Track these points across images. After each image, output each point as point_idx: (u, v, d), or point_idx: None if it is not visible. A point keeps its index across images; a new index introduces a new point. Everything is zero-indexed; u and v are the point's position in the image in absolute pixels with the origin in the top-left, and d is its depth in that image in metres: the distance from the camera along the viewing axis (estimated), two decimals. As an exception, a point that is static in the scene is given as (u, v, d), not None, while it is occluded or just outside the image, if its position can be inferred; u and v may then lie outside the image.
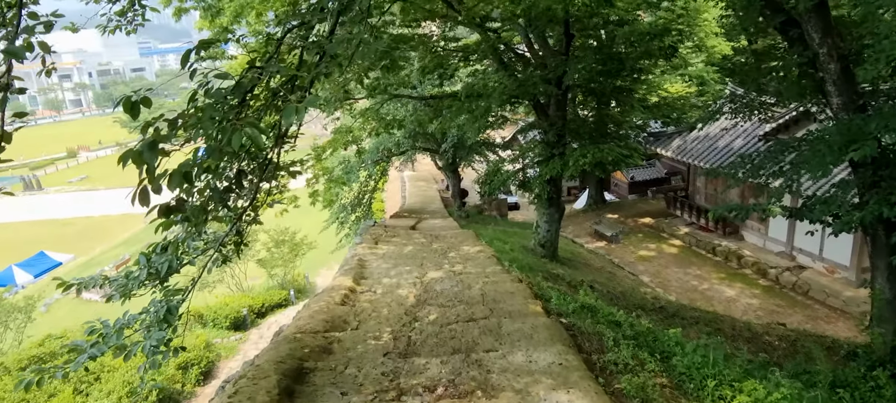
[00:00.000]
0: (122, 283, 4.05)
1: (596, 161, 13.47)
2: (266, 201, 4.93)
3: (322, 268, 36.46)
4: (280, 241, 29.40)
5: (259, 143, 2.37)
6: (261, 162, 3.96)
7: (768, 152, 8.72)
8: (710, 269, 19.86)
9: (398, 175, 44.26)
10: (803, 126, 18.47)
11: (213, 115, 2.55)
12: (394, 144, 24.71)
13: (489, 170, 17.53)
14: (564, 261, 17.08)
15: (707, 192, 22.98)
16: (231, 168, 3.89)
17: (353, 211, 26.86)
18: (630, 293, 12.16)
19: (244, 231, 4.85)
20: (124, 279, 4.09)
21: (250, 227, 5.00)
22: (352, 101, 17.23)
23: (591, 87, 16.29)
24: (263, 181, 4.69)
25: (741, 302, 17.29)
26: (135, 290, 4.03)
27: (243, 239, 4.87)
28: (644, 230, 24.58)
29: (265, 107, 3.63)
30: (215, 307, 21.45)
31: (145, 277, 3.98)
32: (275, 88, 3.35)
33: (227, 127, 2.42)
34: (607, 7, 12.39)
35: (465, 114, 15.83)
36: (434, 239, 13.71)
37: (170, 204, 3.04)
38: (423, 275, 8.72)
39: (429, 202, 34.14)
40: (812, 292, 17.20)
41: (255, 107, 3.69)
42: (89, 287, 4.15)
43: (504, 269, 9.17)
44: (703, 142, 22.12)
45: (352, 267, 9.14)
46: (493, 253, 11.06)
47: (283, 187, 5.30)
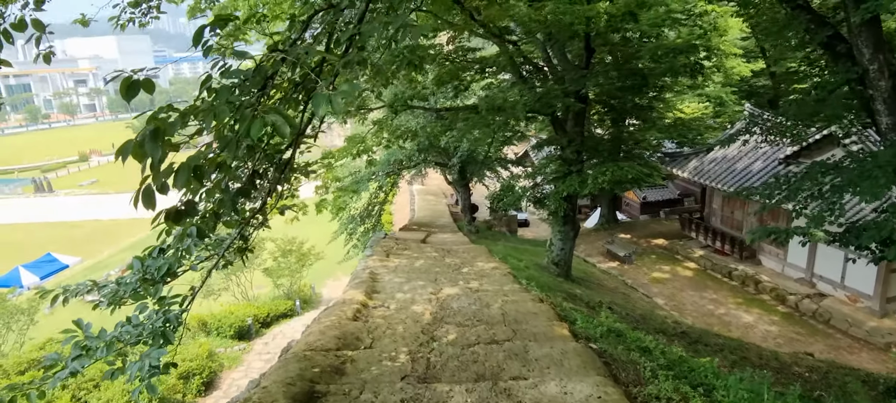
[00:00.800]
0: (113, 291, 3.67)
1: (616, 179, 13.07)
2: (275, 205, 4.56)
3: (329, 280, 36.06)
4: (287, 251, 29.02)
5: (283, 132, 2.02)
6: (277, 162, 3.61)
7: (806, 174, 8.32)
8: (726, 294, 19.34)
9: (407, 188, 44.00)
10: (826, 149, 18.04)
11: (231, 99, 2.20)
12: (405, 156, 24.39)
13: (503, 186, 17.14)
14: (578, 281, 16.64)
15: (723, 215, 22.49)
16: (245, 167, 3.54)
17: (362, 222, 26.51)
18: (649, 316, 11.71)
19: (250, 236, 4.48)
20: (115, 285, 3.71)
21: (257, 232, 4.63)
22: (366, 112, 16.93)
23: (611, 104, 15.96)
24: (279, 183, 4.35)
25: (759, 328, 16.76)
26: (126, 298, 3.64)
27: (249, 245, 4.50)
28: (657, 251, 24.08)
29: (285, 99, 3.29)
30: (220, 315, 21.05)
31: (139, 284, 3.59)
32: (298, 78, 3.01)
33: (246, 113, 2.08)
34: (631, 22, 12.05)
35: (479, 128, 15.51)
36: (446, 254, 13.34)
37: (178, 208, 2.69)
38: (439, 291, 8.33)
39: (438, 216, 33.79)
40: (833, 321, 16.65)
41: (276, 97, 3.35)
42: (77, 295, 3.78)
43: (523, 287, 8.77)
44: (720, 163, 21.68)
45: (363, 281, 8.77)
46: (509, 271, 10.67)
47: (294, 191, 4.94)
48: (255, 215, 4.13)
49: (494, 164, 27.21)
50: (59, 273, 38.51)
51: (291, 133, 2.50)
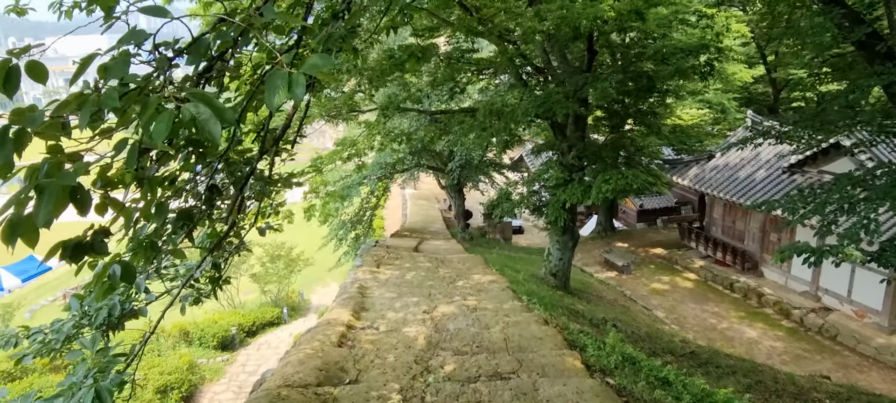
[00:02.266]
0: (44, 340, 2.91)
1: (621, 188, 12.43)
2: (253, 223, 3.85)
3: (318, 286, 35.24)
4: (275, 256, 28.20)
5: (211, 133, 1.33)
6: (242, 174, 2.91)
7: (834, 186, 7.70)
8: (728, 306, 18.73)
9: (399, 192, 43.28)
10: (833, 158, 17.53)
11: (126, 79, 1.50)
12: (397, 160, 23.69)
13: (500, 193, 16.49)
14: (576, 292, 15.99)
15: (724, 224, 21.93)
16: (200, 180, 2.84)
17: (352, 228, 25.76)
18: (655, 334, 11.05)
19: (224, 263, 3.77)
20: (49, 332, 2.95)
21: (232, 259, 3.91)
22: (357, 114, 16.22)
23: (613, 108, 15.34)
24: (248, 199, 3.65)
25: (764, 344, 16.15)
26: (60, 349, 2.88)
27: (222, 274, 3.78)
28: (656, 261, 23.47)
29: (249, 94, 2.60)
30: (203, 324, 20.21)
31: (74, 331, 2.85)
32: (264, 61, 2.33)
33: (149, 101, 1.38)
34: (638, 20, 11.43)
35: (476, 132, 14.87)
36: (440, 264, 12.64)
37: (80, 239, 1.99)
38: (433, 309, 7.63)
39: (430, 222, 33.11)
40: (841, 337, 16.06)
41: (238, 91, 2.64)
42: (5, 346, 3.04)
43: (524, 305, 8.08)
44: (722, 171, 21.12)
45: (351, 296, 8.05)
46: (508, 284, 9.99)
47: (278, 206, 4.21)
48: (226, 238, 3.41)
49: (489, 170, 26.57)
50: (41, 275, 37.48)
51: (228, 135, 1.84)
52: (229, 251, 3.80)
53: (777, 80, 27.49)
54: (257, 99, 2.84)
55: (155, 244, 2.49)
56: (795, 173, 18.57)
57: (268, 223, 4.03)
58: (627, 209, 34.30)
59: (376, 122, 15.19)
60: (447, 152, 23.90)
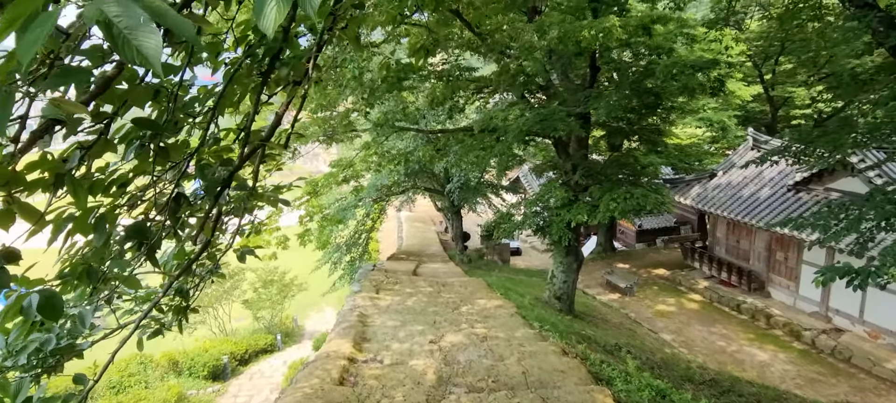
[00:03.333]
0: None
1: (630, 207, 11.96)
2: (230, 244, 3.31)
3: (312, 311, 34.46)
4: (268, 281, 27.48)
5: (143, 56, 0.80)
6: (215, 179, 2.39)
7: (868, 201, 7.22)
8: (736, 328, 18.19)
9: (395, 215, 42.76)
10: (839, 176, 17.17)
11: None
12: (394, 182, 23.20)
13: (500, 214, 16.01)
14: (581, 316, 15.44)
15: (728, 244, 21.48)
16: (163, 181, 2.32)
17: (348, 251, 25.14)
18: (671, 361, 10.50)
19: (193, 290, 3.22)
20: None
21: (202, 285, 3.37)
22: (353, 134, 15.76)
23: (616, 126, 14.94)
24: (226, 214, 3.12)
25: (776, 367, 15.59)
26: None
27: (190, 303, 3.23)
28: (659, 282, 22.95)
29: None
30: (193, 353, 19.46)
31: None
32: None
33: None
34: (645, 36, 11.07)
35: (476, 152, 14.45)
36: (442, 288, 12.08)
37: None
38: (440, 338, 7.07)
39: (427, 244, 32.56)
40: (855, 359, 15.53)
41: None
42: None
43: (538, 333, 7.53)
44: (725, 190, 20.73)
45: (351, 325, 7.48)
46: (516, 310, 9.45)
47: (260, 225, 3.68)
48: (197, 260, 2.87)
49: (487, 191, 26.13)
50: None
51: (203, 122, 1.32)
52: (200, 276, 3.25)
53: (775, 99, 27.32)
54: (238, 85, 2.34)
55: (93, 270, 1.97)
56: (801, 191, 18.19)
57: (247, 246, 3.48)
58: (626, 229, 33.87)
59: (373, 142, 14.73)
60: (444, 174, 23.46)
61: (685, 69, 10.29)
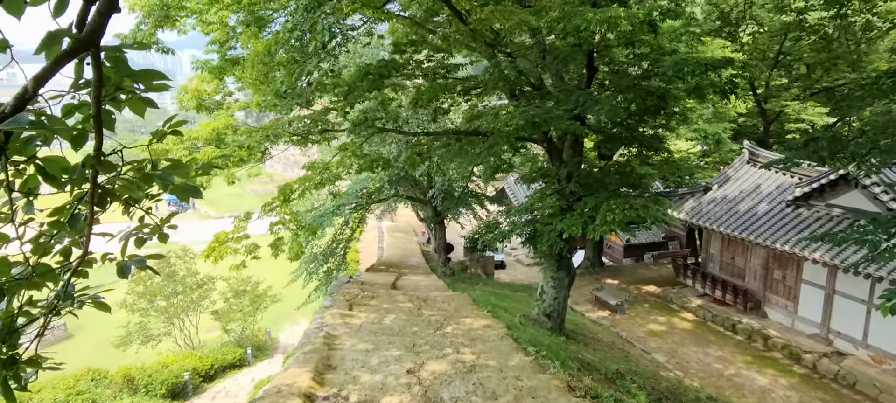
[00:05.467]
0: None
1: (628, 218, 10.95)
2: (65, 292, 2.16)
3: (288, 323, 33.02)
4: (240, 291, 26.08)
5: None
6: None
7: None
8: (732, 350, 17.26)
9: (376, 224, 41.51)
10: (841, 191, 16.38)
11: None
12: (375, 189, 22.02)
13: (487, 223, 14.94)
14: (572, 335, 14.39)
15: (722, 261, 20.62)
16: None
17: (325, 261, 23.81)
18: (678, 390, 9.46)
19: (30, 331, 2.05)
20: None
21: (47, 321, 2.19)
22: (330, 134, 14.57)
23: (613, 132, 13.96)
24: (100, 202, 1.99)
25: (777, 393, 14.66)
26: None
27: (18, 354, 2.06)
28: (650, 299, 22.02)
29: None
30: (151, 368, 17.93)
31: None
32: None
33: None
34: (650, 33, 10.10)
35: (462, 157, 13.40)
36: (423, 304, 10.93)
37: None
38: (420, 367, 5.93)
39: (409, 255, 31.35)
40: (860, 385, 14.65)
41: None
42: None
43: (534, 361, 6.42)
44: (720, 204, 19.90)
45: (314, 349, 6.30)
46: (506, 331, 8.33)
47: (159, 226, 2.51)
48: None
49: (471, 201, 25.04)
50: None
51: None
52: (47, 307, 2.09)
53: (768, 112, 26.72)
54: None
55: None
56: (801, 206, 17.39)
57: (137, 256, 2.31)
58: (613, 243, 33.03)
59: (352, 143, 13.57)
60: (427, 181, 22.35)
61: (697, 67, 9.31)
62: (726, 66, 9.53)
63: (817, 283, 16.93)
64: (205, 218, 69.17)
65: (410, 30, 13.46)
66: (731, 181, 20.58)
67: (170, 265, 25.39)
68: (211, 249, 12.24)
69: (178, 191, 2.28)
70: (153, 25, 9.09)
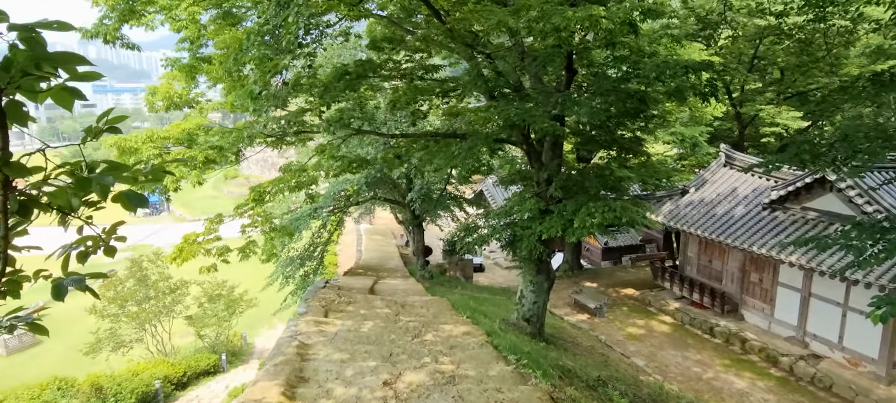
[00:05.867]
0: None
1: (608, 221, 10.84)
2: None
3: (264, 328, 32.45)
4: (215, 296, 25.49)
5: None
6: None
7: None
8: (710, 353, 17.30)
9: (354, 227, 41.11)
10: (817, 194, 16.52)
11: None
12: (353, 192, 21.70)
13: (465, 225, 14.74)
14: (552, 340, 14.26)
15: (700, 263, 20.71)
16: None
17: (301, 264, 23.38)
18: (659, 396, 9.34)
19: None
20: None
21: None
22: (307, 135, 14.23)
23: (592, 134, 13.87)
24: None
25: (755, 396, 14.70)
26: None
27: None
28: (628, 302, 22.03)
29: None
30: (121, 376, 17.36)
31: None
32: None
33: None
34: (631, 34, 10.01)
35: (440, 158, 13.20)
36: (401, 310, 10.68)
37: None
38: (396, 378, 5.69)
39: (387, 258, 31.05)
40: (836, 388, 14.76)
41: None
42: None
43: (516, 370, 6.22)
44: (697, 207, 19.97)
45: (286, 360, 6.03)
46: (487, 338, 8.12)
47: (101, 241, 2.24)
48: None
49: (450, 204, 24.84)
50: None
51: None
52: None
53: (743, 116, 26.97)
54: None
55: None
56: (776, 209, 17.52)
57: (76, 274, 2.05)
58: (591, 246, 33.11)
59: (329, 145, 13.27)
60: (406, 183, 22.10)
61: (678, 69, 9.22)
62: (707, 69, 9.46)
63: (794, 286, 17.06)
64: (179, 221, 68.05)
65: (387, 29, 13.22)
66: (708, 184, 20.69)
67: (142, 269, 24.74)
68: (179, 251, 11.82)
69: (122, 200, 2.02)
70: (118, 20, 8.71)
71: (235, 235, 14.63)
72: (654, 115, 13.05)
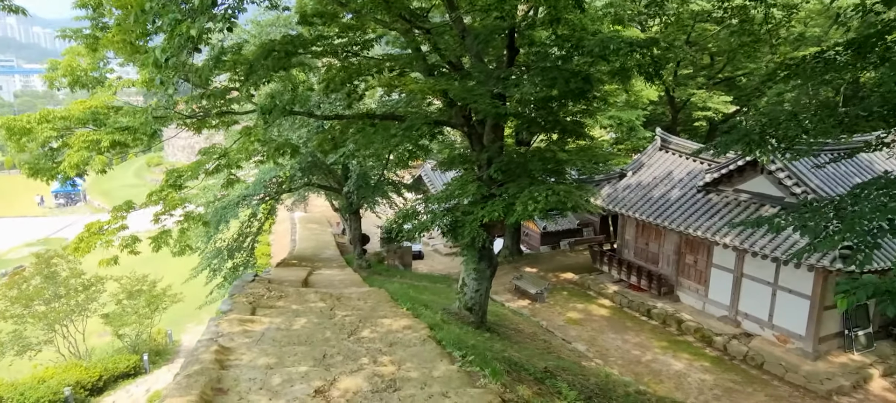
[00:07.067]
0: None
1: (552, 205, 10.46)
2: None
3: (191, 323, 30.63)
4: (134, 292, 23.66)
5: None
6: None
7: (861, 197, 6.01)
8: (648, 336, 17.46)
9: (288, 216, 39.63)
10: (748, 176, 16.86)
11: None
12: (285, 178, 20.59)
13: (404, 211, 14.11)
14: (494, 327, 13.93)
15: (637, 247, 20.92)
16: None
17: (230, 256, 22.06)
18: (606, 386, 9.07)
19: None
20: None
21: None
22: (231, 117, 13.12)
23: (533, 116, 13.47)
24: None
25: (692, 376, 14.88)
26: None
27: None
28: (568, 287, 22.06)
29: None
30: (24, 385, 15.67)
31: None
32: None
33: None
34: (575, 11, 9.61)
35: (377, 142, 12.50)
36: (337, 303, 9.96)
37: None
38: (331, 385, 5.03)
39: (323, 248, 30.03)
40: (767, 365, 15.15)
41: None
42: None
43: (462, 369, 5.67)
44: (635, 190, 20.12)
45: (202, 369, 5.24)
46: (429, 333, 7.55)
47: None
48: None
49: (388, 190, 24.09)
50: None
51: None
52: None
53: (675, 101, 27.54)
54: None
55: None
56: (710, 192, 17.82)
57: None
58: (530, 231, 33.14)
59: (255, 128, 12.25)
60: (342, 170, 21.18)
61: (623, 46, 8.88)
62: (652, 46, 9.19)
63: (726, 267, 17.42)
64: (98, 212, 63.69)
65: (319, 2, 12.31)
66: (645, 167, 20.89)
67: (50, 265, 22.69)
68: (79, 240, 10.59)
69: None
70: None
71: (155, 227, 13.41)
72: (595, 97, 12.80)
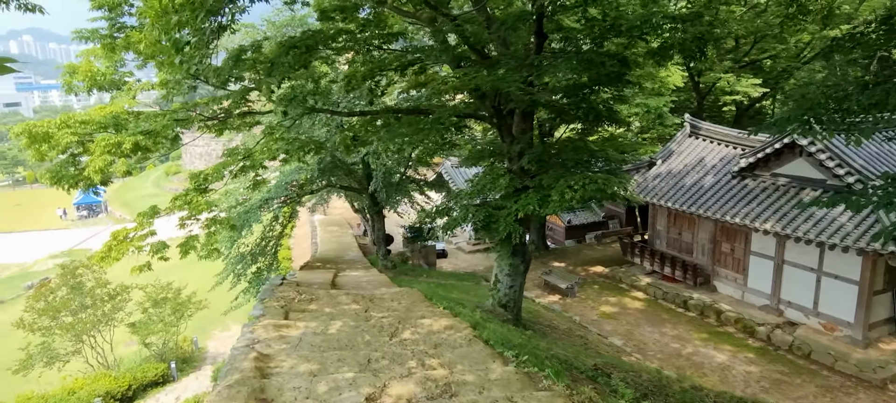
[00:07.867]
0: None
1: (589, 194, 9.98)
2: None
3: (216, 330, 30.58)
4: (160, 300, 23.60)
5: None
6: None
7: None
8: (687, 327, 16.87)
9: (308, 219, 39.46)
10: (787, 159, 16.20)
11: None
12: (306, 179, 20.30)
13: (435, 208, 13.72)
14: (529, 325, 13.46)
15: (670, 237, 20.30)
16: None
17: (253, 260, 21.83)
18: (662, 383, 8.56)
19: None
20: None
21: None
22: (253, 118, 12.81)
23: (563, 104, 12.98)
24: None
25: (737, 369, 14.29)
26: None
27: None
28: (599, 280, 21.50)
29: None
30: (55, 397, 15.60)
31: None
32: None
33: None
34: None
35: (400, 137, 12.11)
36: (370, 305, 9.57)
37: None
38: (382, 392, 4.63)
39: (345, 249, 29.73)
40: (815, 355, 14.51)
41: None
42: None
43: (519, 370, 5.24)
44: (666, 179, 19.52)
45: (243, 378, 4.87)
46: (472, 332, 7.13)
47: None
48: None
49: (411, 189, 23.73)
50: None
51: None
52: None
53: (701, 86, 26.80)
54: None
55: None
56: (746, 177, 17.17)
57: None
58: (554, 225, 32.56)
59: (278, 126, 11.94)
60: (363, 169, 20.87)
61: (666, 20, 8.35)
62: (697, 20, 8.65)
63: (766, 254, 16.76)
64: (119, 223, 64.27)
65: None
66: (675, 155, 20.27)
67: (75, 276, 22.67)
68: (107, 249, 10.35)
69: None
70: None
71: (179, 234, 13.17)
72: (628, 82, 12.26)
